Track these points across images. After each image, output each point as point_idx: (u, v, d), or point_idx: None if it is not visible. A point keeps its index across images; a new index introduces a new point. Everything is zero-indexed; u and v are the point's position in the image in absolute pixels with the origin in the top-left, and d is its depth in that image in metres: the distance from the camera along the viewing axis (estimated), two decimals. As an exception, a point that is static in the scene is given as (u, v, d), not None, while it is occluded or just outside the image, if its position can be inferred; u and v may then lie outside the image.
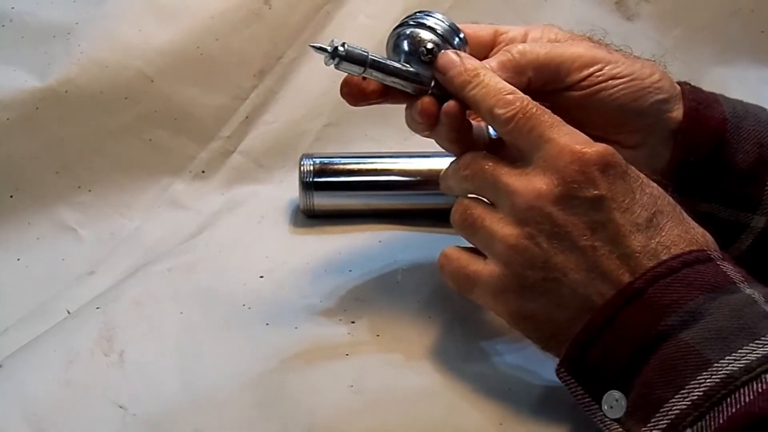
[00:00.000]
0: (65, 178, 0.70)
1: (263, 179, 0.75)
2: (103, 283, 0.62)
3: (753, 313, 0.40)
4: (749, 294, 0.41)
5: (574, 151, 0.45)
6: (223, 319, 0.57)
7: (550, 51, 0.52)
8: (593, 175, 0.44)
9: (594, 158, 0.44)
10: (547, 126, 0.46)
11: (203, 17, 0.75)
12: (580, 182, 0.44)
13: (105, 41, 0.72)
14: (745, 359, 0.37)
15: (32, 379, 0.51)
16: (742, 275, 0.43)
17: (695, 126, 0.56)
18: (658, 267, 0.42)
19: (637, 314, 0.42)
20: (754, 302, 0.40)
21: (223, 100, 0.76)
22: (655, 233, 0.44)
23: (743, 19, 0.88)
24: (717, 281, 0.41)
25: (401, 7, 0.82)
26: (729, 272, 0.42)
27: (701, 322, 0.40)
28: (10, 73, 0.69)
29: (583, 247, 0.44)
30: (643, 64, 0.55)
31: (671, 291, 0.41)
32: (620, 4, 0.88)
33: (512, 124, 0.47)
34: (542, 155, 0.46)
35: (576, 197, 0.44)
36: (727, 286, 0.41)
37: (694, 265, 0.42)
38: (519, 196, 0.46)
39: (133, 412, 0.49)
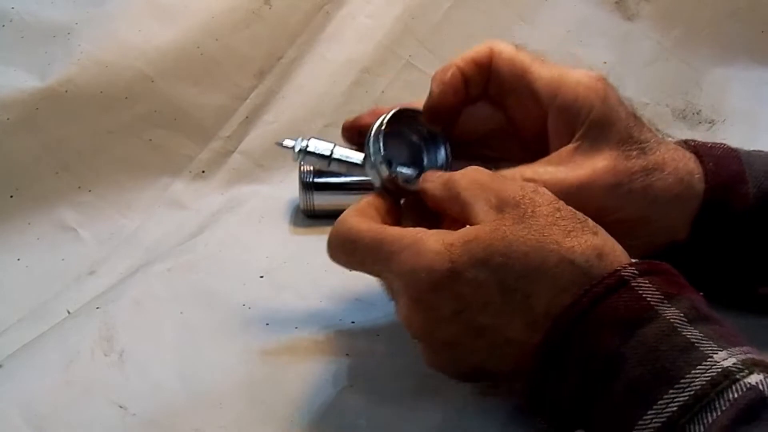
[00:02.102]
0: (65, 178, 0.70)
1: (263, 179, 0.75)
2: (103, 283, 0.62)
3: (670, 348, 0.37)
4: (668, 319, 0.38)
5: (406, 276, 0.43)
6: (222, 319, 0.57)
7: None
8: (430, 299, 0.42)
9: (423, 280, 0.42)
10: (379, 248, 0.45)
11: (203, 17, 0.75)
12: (427, 304, 0.43)
13: (105, 41, 0.72)
14: (666, 411, 0.35)
15: (32, 379, 0.51)
16: (663, 291, 0.39)
17: (716, 211, 0.51)
18: (571, 312, 0.39)
19: (561, 375, 0.39)
20: (672, 330, 0.37)
21: (223, 100, 0.76)
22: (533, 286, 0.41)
23: (743, 19, 0.88)
24: (631, 313, 0.38)
25: (401, 6, 0.82)
26: (646, 293, 0.39)
27: (622, 370, 0.37)
28: (10, 73, 0.69)
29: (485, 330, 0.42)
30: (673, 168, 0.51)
31: (587, 339, 0.39)
32: (620, 4, 0.88)
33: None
34: (387, 279, 0.46)
35: (436, 318, 0.43)
36: (643, 315, 0.38)
37: (606, 298, 0.39)
38: (402, 320, 0.45)
39: (132, 411, 0.49)
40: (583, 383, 0.39)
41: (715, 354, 0.36)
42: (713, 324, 0.39)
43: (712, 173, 0.51)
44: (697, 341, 0.37)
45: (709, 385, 0.35)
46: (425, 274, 0.42)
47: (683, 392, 0.35)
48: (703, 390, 0.35)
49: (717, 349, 0.37)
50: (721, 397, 0.35)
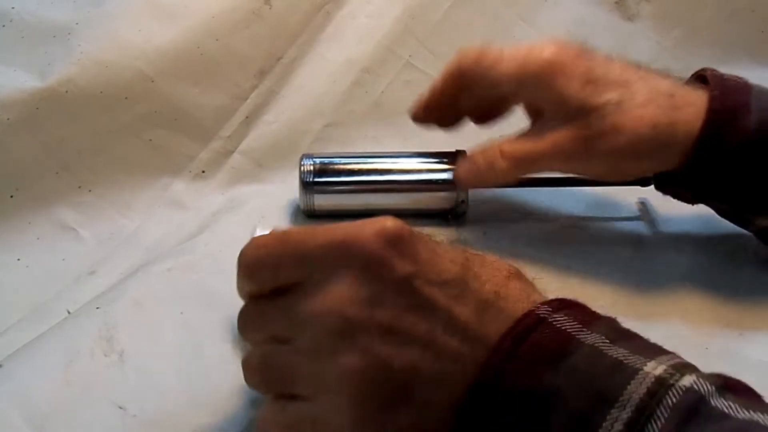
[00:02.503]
0: (65, 178, 0.70)
1: (263, 179, 0.75)
2: (104, 283, 0.62)
3: (601, 369, 0.37)
4: (591, 344, 0.38)
5: (349, 245, 0.39)
6: (223, 319, 0.57)
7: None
8: (389, 254, 0.39)
9: (383, 237, 0.39)
10: (308, 238, 0.40)
11: (203, 17, 0.75)
12: (376, 272, 0.38)
13: (105, 41, 0.72)
14: (613, 431, 0.35)
15: (32, 379, 0.51)
16: (579, 321, 0.39)
17: (715, 141, 0.54)
18: (495, 356, 0.38)
19: (494, 418, 0.38)
20: (598, 353, 0.37)
21: (223, 100, 0.76)
22: (474, 288, 0.40)
23: (743, 19, 0.88)
24: (555, 346, 0.38)
25: (401, 7, 0.82)
26: (565, 326, 0.38)
27: (560, 403, 0.36)
28: (10, 73, 0.69)
29: (421, 335, 0.38)
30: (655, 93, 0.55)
31: (517, 377, 0.37)
32: (620, 4, 0.88)
33: (269, 266, 0.41)
34: (323, 265, 0.39)
35: (386, 284, 0.38)
36: (567, 347, 0.38)
37: (528, 336, 0.38)
38: (324, 316, 0.38)
39: (133, 412, 0.49)
40: (520, 423, 0.37)
41: (645, 365, 0.36)
42: (635, 339, 0.39)
43: (715, 100, 0.54)
44: (624, 357, 0.37)
45: (647, 396, 0.35)
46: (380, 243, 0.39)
47: (625, 409, 0.35)
48: (642, 402, 0.35)
49: (645, 360, 0.37)
50: (661, 405, 0.35)
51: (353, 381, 0.38)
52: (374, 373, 0.38)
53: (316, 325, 0.39)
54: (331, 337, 0.38)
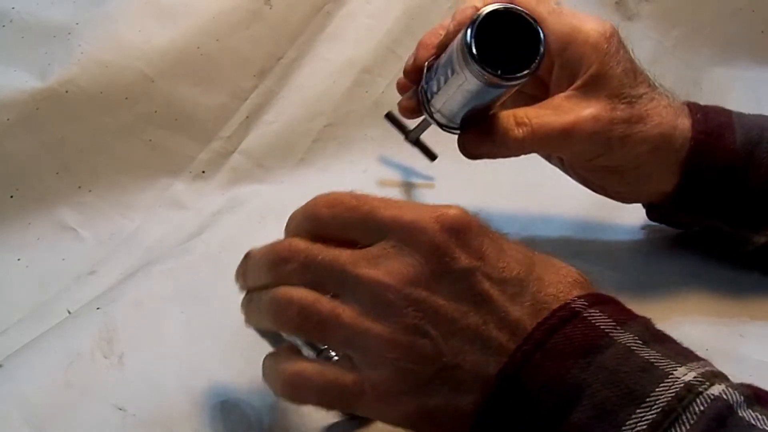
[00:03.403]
0: (65, 178, 0.70)
1: (264, 179, 0.75)
2: (104, 284, 0.62)
3: (631, 369, 0.37)
4: (624, 343, 0.38)
5: (426, 225, 0.39)
6: (223, 319, 0.57)
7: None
8: (455, 245, 0.39)
9: (451, 226, 0.39)
10: (382, 208, 0.41)
11: (203, 17, 0.75)
12: (439, 260, 0.39)
13: (105, 41, 0.72)
14: (637, 430, 0.35)
15: (32, 380, 0.51)
16: (614, 318, 0.39)
17: (703, 160, 0.56)
18: (525, 344, 0.38)
19: (520, 404, 0.38)
20: (630, 352, 0.37)
21: (224, 100, 0.76)
22: (534, 290, 0.40)
23: (743, 19, 0.88)
24: (587, 341, 0.38)
25: (401, 7, 0.82)
26: (599, 322, 0.39)
27: (584, 396, 0.37)
28: (10, 73, 0.69)
29: (470, 325, 0.39)
30: (652, 109, 0.56)
31: (545, 368, 0.38)
32: (620, 4, 0.88)
33: (339, 219, 0.42)
34: (389, 239, 0.40)
35: (447, 273, 0.39)
36: (599, 342, 0.38)
37: (561, 329, 0.38)
38: (382, 286, 0.39)
39: (132, 413, 0.49)
40: (541, 414, 0.37)
41: (675, 370, 0.36)
42: (668, 343, 0.39)
43: (699, 122, 0.56)
44: (656, 360, 0.37)
45: (675, 401, 0.35)
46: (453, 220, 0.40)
47: (650, 410, 0.35)
48: (669, 406, 0.35)
49: (676, 365, 0.37)
50: (688, 411, 0.35)
51: (396, 354, 0.38)
52: (418, 352, 0.39)
53: (373, 292, 0.39)
54: (384, 307, 0.39)
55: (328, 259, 0.41)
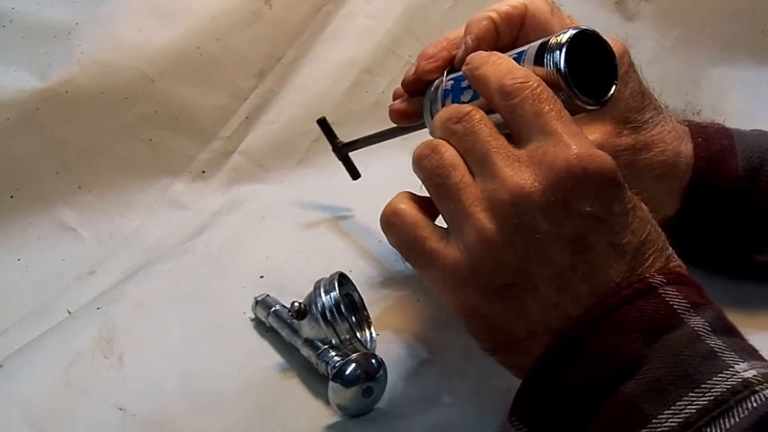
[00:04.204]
0: (65, 178, 0.70)
1: (264, 179, 0.75)
2: (104, 284, 0.62)
3: (693, 354, 0.37)
4: (693, 327, 0.38)
5: (576, 156, 0.39)
6: (223, 319, 0.57)
7: None
8: (591, 189, 0.40)
9: (596, 171, 0.40)
10: (555, 117, 0.41)
11: (203, 17, 0.75)
12: (575, 194, 0.39)
13: (105, 41, 0.72)
14: (684, 412, 0.36)
15: (32, 380, 0.51)
16: (690, 300, 0.39)
17: (705, 186, 0.55)
18: (596, 309, 0.39)
19: (577, 366, 0.39)
20: (696, 338, 0.38)
21: (223, 100, 0.76)
22: (638, 264, 0.40)
23: (743, 19, 0.88)
24: (657, 318, 0.38)
25: (401, 7, 0.82)
26: (673, 301, 0.39)
27: (641, 370, 0.37)
28: (10, 73, 0.70)
29: (561, 263, 0.40)
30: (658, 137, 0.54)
31: (609, 337, 0.39)
32: (620, 4, 0.88)
33: (518, 99, 0.41)
34: (541, 146, 0.40)
35: (567, 208, 0.40)
36: (669, 322, 0.38)
37: (634, 301, 0.39)
38: (504, 186, 0.40)
39: (132, 413, 0.49)
40: (598, 376, 0.38)
41: (737, 365, 0.36)
42: (735, 337, 0.39)
43: (701, 148, 0.55)
44: (720, 351, 0.37)
45: (730, 393, 0.35)
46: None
47: (703, 396, 0.36)
48: (723, 396, 0.35)
49: (738, 360, 0.37)
50: (740, 405, 0.35)
51: (482, 249, 0.40)
52: (500, 258, 0.40)
53: (498, 187, 0.41)
54: (498, 206, 0.40)
55: (483, 139, 0.42)
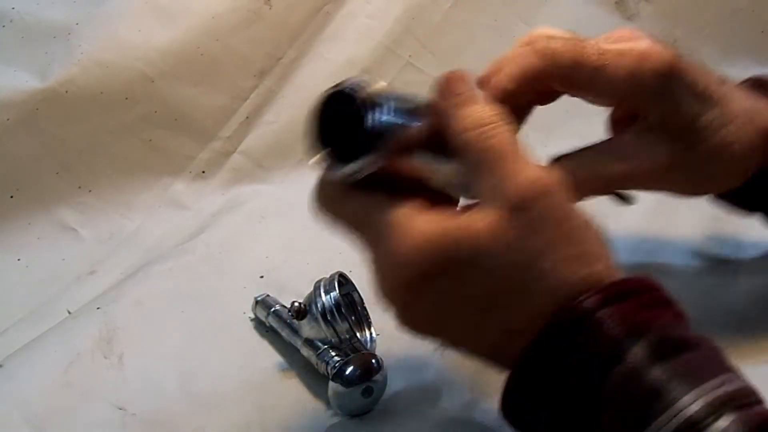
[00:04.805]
0: (65, 178, 0.70)
1: (264, 179, 0.75)
2: (104, 283, 0.62)
3: (636, 397, 0.34)
4: (633, 361, 0.35)
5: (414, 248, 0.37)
6: (223, 319, 0.57)
7: None
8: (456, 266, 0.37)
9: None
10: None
11: (204, 18, 0.75)
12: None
13: (105, 42, 0.72)
14: None
15: (32, 380, 0.51)
16: (629, 324, 0.36)
17: None
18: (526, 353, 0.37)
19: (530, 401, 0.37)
20: (637, 374, 0.35)
21: (224, 100, 0.76)
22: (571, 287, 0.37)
23: (743, 19, 0.88)
24: (591, 358, 0.35)
25: (401, 7, 0.82)
26: (610, 330, 0.35)
27: (596, 417, 0.35)
28: (10, 74, 0.70)
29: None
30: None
31: (536, 388, 0.37)
32: (620, 4, 0.88)
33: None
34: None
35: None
36: (605, 359, 0.35)
37: (566, 332, 0.36)
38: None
39: (132, 412, 0.49)
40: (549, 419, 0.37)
41: (682, 398, 0.33)
42: (685, 353, 0.35)
43: None
44: (663, 384, 0.34)
45: None
46: (406, 267, 0.38)
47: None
48: None
49: (684, 390, 0.34)
50: None
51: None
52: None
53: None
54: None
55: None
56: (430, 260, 0.37)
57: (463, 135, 0.39)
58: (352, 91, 0.38)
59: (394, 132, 0.38)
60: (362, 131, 0.37)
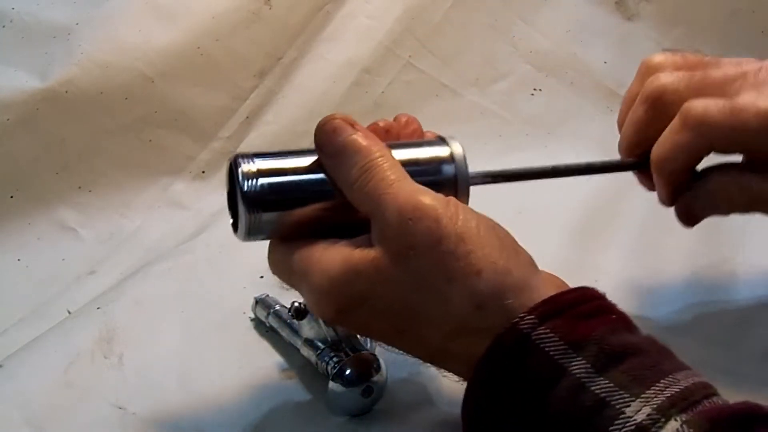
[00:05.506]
0: (65, 178, 0.70)
1: (263, 179, 0.75)
2: (104, 283, 0.62)
3: (582, 411, 0.34)
4: (575, 374, 0.35)
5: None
6: (223, 319, 0.57)
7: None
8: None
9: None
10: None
11: (204, 18, 0.75)
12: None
13: (105, 42, 0.72)
14: None
15: (32, 380, 0.51)
16: (567, 339, 0.36)
17: None
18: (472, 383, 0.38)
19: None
20: (580, 388, 0.34)
21: (224, 100, 0.76)
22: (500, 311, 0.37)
23: (743, 19, 0.88)
24: (534, 379, 0.35)
25: (401, 7, 0.82)
26: (548, 348, 0.36)
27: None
28: (10, 74, 0.70)
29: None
30: None
31: (486, 414, 0.37)
32: (620, 4, 0.88)
33: None
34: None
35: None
36: (548, 378, 0.35)
37: (506, 361, 0.36)
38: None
39: (132, 411, 0.49)
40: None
41: (628, 407, 0.33)
42: (627, 360, 0.35)
43: None
44: (608, 395, 0.34)
45: None
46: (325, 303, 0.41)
47: None
48: None
49: (629, 399, 0.34)
50: None
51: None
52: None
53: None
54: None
55: None
56: (342, 292, 0.40)
57: (346, 190, 0.41)
58: (234, 163, 0.42)
59: (275, 195, 0.42)
60: (241, 199, 0.41)
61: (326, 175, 0.42)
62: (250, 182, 0.41)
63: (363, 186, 0.40)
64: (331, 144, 0.43)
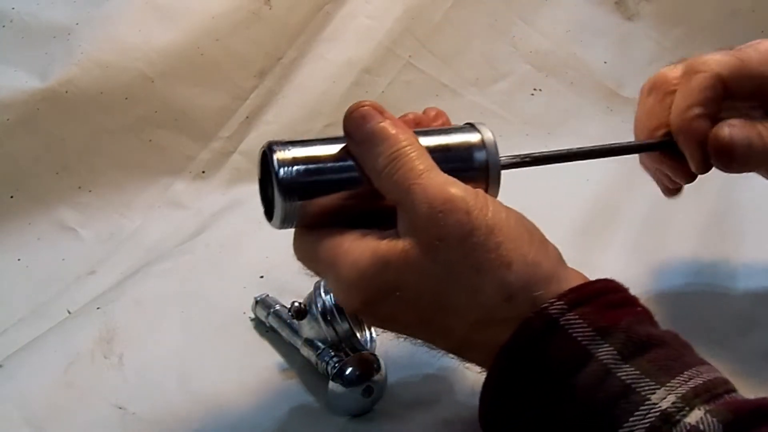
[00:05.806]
0: (66, 178, 0.70)
1: (263, 179, 0.75)
2: (104, 283, 0.62)
3: (606, 394, 0.35)
4: (601, 360, 0.35)
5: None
6: (223, 319, 0.57)
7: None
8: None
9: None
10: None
11: (204, 18, 0.75)
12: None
13: (105, 42, 0.72)
14: None
15: (32, 380, 0.51)
16: (595, 326, 0.36)
17: None
18: (497, 362, 0.37)
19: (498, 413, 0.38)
20: (607, 373, 0.35)
21: (224, 100, 0.76)
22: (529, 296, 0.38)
23: (743, 19, 0.88)
24: (560, 363, 0.36)
25: (401, 7, 0.82)
26: (576, 333, 0.36)
27: (556, 420, 0.36)
28: (10, 74, 0.70)
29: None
30: None
31: (508, 399, 0.37)
32: (620, 4, 0.88)
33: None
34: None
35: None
36: (574, 362, 0.36)
37: (535, 345, 0.36)
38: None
39: (132, 411, 0.49)
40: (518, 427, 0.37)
41: (653, 394, 0.34)
42: (653, 350, 0.36)
43: None
44: (634, 381, 0.35)
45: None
46: (354, 293, 0.40)
47: None
48: None
49: (655, 387, 0.34)
50: None
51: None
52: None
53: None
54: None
55: None
56: (371, 284, 0.39)
57: (374, 177, 0.41)
58: (269, 150, 0.41)
59: (309, 182, 0.41)
60: (277, 186, 0.41)
61: (354, 162, 0.42)
62: (286, 169, 0.41)
63: (391, 175, 0.40)
64: (359, 130, 0.42)
